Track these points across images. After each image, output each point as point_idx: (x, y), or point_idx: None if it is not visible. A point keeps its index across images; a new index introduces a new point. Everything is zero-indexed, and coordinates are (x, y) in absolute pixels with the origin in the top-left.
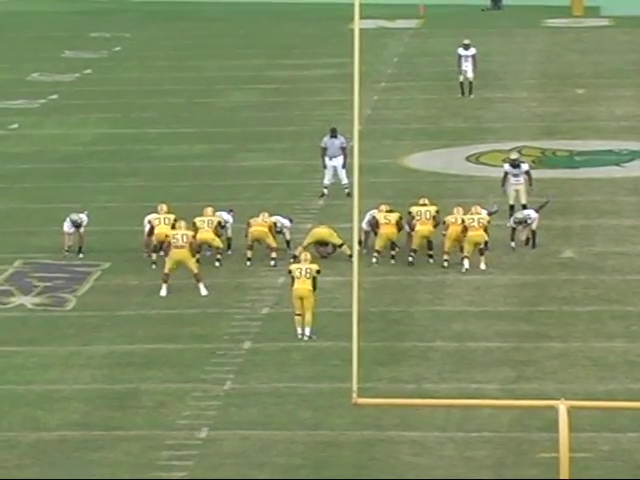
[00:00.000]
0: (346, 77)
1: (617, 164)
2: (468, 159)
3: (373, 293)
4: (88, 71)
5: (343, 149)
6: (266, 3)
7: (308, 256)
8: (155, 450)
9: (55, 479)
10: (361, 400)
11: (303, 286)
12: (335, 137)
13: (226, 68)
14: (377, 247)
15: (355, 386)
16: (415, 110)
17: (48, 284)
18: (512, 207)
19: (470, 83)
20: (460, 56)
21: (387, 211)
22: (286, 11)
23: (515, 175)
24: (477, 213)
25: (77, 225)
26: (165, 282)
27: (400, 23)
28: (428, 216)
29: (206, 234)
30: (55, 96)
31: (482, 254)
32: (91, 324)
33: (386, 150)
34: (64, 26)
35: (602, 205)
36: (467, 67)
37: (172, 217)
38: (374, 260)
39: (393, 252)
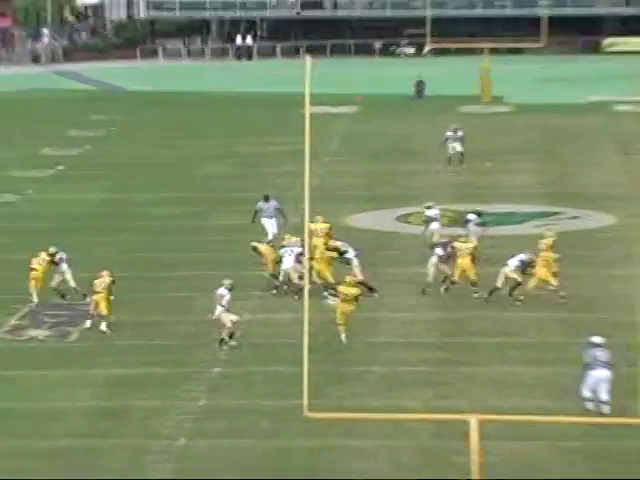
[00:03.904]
0: (298, 153)
1: (518, 223)
2: (397, 219)
3: (320, 327)
4: (89, 147)
5: (279, 210)
6: (234, 92)
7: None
8: (142, 454)
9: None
10: (311, 414)
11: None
12: (268, 201)
13: (201, 145)
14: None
15: (306, 402)
16: (355, 180)
17: (58, 319)
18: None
19: (461, 154)
20: (447, 138)
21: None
22: (250, 99)
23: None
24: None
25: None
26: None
27: (342, 109)
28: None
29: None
30: (62, 167)
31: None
32: (91, 352)
33: (332, 212)
34: (69, 110)
35: (505, 256)
36: (456, 145)
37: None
38: (274, 292)
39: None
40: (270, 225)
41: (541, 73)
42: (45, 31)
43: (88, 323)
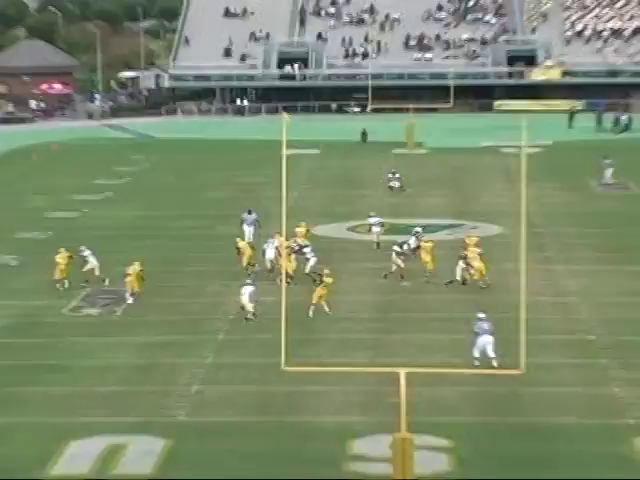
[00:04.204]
0: (277, 182)
1: (433, 232)
2: (348, 229)
3: (293, 307)
4: (129, 178)
5: (256, 220)
6: (231, 139)
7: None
8: (168, 397)
9: None
10: (287, 368)
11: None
12: (250, 214)
13: (208, 177)
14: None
15: (283, 359)
16: (318, 201)
17: (107, 301)
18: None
19: (400, 188)
20: (389, 179)
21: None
22: (243, 144)
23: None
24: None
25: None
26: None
27: (309, 151)
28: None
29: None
30: (110, 193)
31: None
32: (130, 324)
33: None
34: (115, 152)
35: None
36: (395, 183)
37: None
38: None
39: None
40: (248, 231)
41: (449, 126)
42: (97, 96)
43: (130, 299)
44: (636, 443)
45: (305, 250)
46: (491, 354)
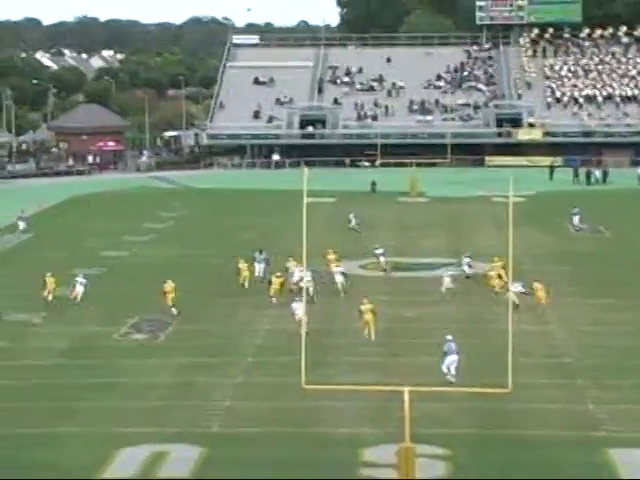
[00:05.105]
0: (298, 226)
1: (433, 269)
2: (359, 267)
3: (311, 332)
4: (171, 222)
5: (266, 259)
6: (259, 189)
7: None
8: (202, 411)
9: None
10: (307, 386)
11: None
12: (260, 253)
13: (236, 221)
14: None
15: (303, 378)
16: (334, 242)
17: (152, 328)
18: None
19: (357, 229)
20: (350, 220)
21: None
22: (269, 193)
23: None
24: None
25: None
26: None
27: (325, 199)
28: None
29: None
30: (154, 235)
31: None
32: (170, 348)
33: (318, 261)
34: (159, 200)
35: (427, 289)
36: (355, 225)
37: None
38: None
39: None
40: (259, 267)
41: (447, 178)
42: (145, 152)
43: (175, 311)
44: (608, 452)
45: (302, 274)
46: (453, 371)
